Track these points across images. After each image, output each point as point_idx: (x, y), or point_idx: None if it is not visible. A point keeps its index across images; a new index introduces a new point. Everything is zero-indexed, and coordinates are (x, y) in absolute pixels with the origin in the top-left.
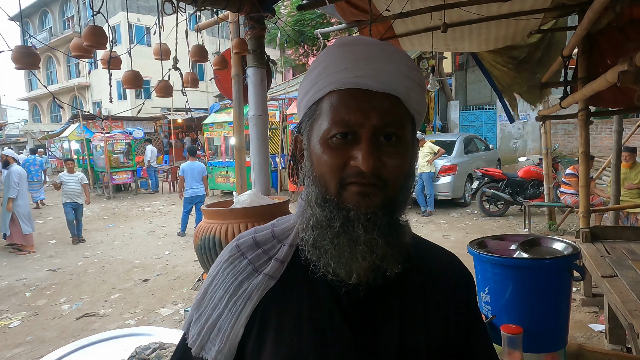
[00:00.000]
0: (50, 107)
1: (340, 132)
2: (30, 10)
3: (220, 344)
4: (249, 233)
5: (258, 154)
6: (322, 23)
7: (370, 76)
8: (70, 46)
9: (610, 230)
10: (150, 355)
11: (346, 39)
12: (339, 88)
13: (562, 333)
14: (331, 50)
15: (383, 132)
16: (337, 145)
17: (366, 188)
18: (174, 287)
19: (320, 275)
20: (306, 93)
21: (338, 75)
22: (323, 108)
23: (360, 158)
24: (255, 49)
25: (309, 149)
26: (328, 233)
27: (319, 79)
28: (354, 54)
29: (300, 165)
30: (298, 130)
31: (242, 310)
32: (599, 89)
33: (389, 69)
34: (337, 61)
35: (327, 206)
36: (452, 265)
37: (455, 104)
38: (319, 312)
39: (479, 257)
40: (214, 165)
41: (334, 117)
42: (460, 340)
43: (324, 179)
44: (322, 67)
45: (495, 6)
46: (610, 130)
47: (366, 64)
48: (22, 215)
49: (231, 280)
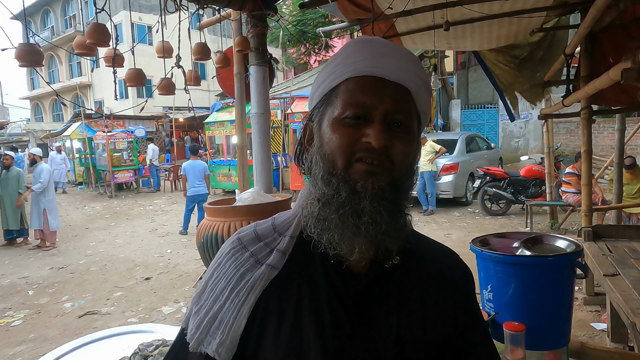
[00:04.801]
0: (52, 106)
1: (354, 113)
2: (32, 9)
3: (221, 337)
4: (249, 227)
5: (260, 151)
6: (324, 22)
7: (385, 67)
8: (73, 44)
9: (612, 229)
10: (153, 352)
11: (365, 37)
12: (355, 75)
13: (565, 330)
14: (351, 45)
15: (393, 118)
16: (350, 124)
17: (373, 167)
18: (175, 286)
19: (321, 265)
20: (322, 83)
21: (357, 64)
22: (339, 93)
23: (372, 135)
24: (258, 47)
25: (320, 132)
26: (334, 202)
27: (337, 68)
28: (372, 49)
29: (307, 151)
30: (309, 119)
31: (245, 301)
32: (602, 87)
33: (402, 65)
34: (356, 53)
35: (334, 180)
36: (451, 260)
37: (457, 102)
38: (319, 303)
39: (481, 255)
40: (216, 164)
41: (349, 100)
42: (458, 335)
43: (333, 155)
44: (341, 59)
45: (497, 4)
46: (613, 129)
47: (383, 57)
48: (51, 211)
49: (233, 271)
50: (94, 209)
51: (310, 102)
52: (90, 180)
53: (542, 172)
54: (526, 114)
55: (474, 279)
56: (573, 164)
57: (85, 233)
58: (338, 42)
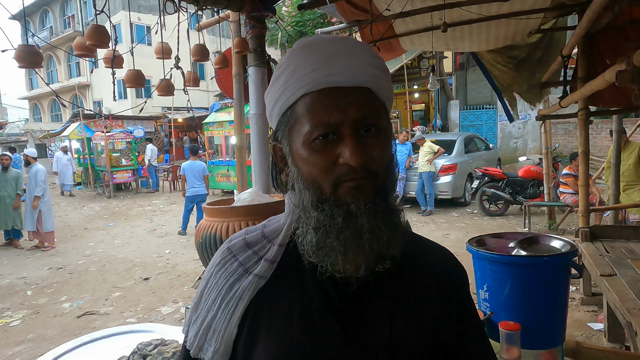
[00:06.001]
0: (51, 106)
1: (322, 133)
2: (31, 9)
3: (215, 344)
4: (239, 235)
5: (259, 152)
6: (322, 23)
7: (340, 72)
8: (73, 45)
9: (609, 230)
10: (152, 351)
11: (306, 40)
12: (311, 90)
13: (560, 330)
14: (294, 54)
15: (362, 124)
16: (322, 147)
17: (360, 181)
18: (174, 286)
19: (310, 271)
20: (277, 101)
21: (307, 77)
22: (299, 112)
23: (348, 154)
24: (256, 48)
25: (293, 155)
26: (333, 230)
27: (288, 84)
28: (319, 53)
29: (283, 173)
30: (275, 139)
31: (235, 310)
32: (598, 89)
33: (355, 62)
34: (303, 63)
35: (325, 206)
36: (444, 260)
37: (456, 103)
38: (309, 308)
39: (477, 255)
40: (215, 165)
41: (313, 120)
42: (452, 335)
43: (317, 181)
44: (289, 72)
45: (495, 6)
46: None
47: (333, 61)
48: (45, 213)
49: (223, 282)
50: (93, 209)
51: (270, 120)
52: (89, 181)
53: (540, 172)
54: (525, 114)
55: (470, 279)
56: (569, 165)
57: (84, 233)
58: None
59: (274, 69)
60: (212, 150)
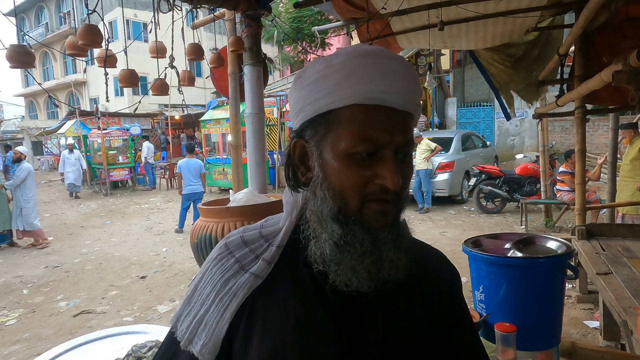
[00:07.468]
0: (47, 104)
1: (366, 150)
2: (26, 6)
3: (205, 339)
4: (237, 232)
5: (254, 152)
6: (319, 20)
7: (394, 93)
8: (65, 44)
9: (605, 228)
10: (146, 353)
11: (366, 49)
12: (363, 102)
13: (556, 331)
14: (351, 58)
15: (402, 150)
16: (360, 163)
17: (386, 206)
18: (171, 284)
19: (307, 271)
20: (319, 99)
21: (363, 87)
22: (343, 120)
23: (387, 176)
24: (252, 46)
25: (323, 160)
26: (356, 251)
27: (340, 87)
28: (378, 67)
29: (299, 172)
30: (299, 135)
31: (228, 306)
32: (594, 88)
33: (406, 85)
34: (361, 72)
35: (349, 223)
36: (437, 261)
37: (453, 101)
38: (304, 307)
39: (473, 256)
40: (211, 163)
41: (359, 133)
42: (444, 336)
43: (345, 194)
44: (343, 76)
45: (492, 4)
46: (607, 128)
47: (390, 79)
48: (28, 211)
49: (218, 277)
50: (89, 207)
51: (298, 114)
52: (86, 178)
53: (537, 170)
54: (522, 112)
55: (461, 280)
56: (565, 163)
57: (81, 231)
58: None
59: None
60: (209, 148)
